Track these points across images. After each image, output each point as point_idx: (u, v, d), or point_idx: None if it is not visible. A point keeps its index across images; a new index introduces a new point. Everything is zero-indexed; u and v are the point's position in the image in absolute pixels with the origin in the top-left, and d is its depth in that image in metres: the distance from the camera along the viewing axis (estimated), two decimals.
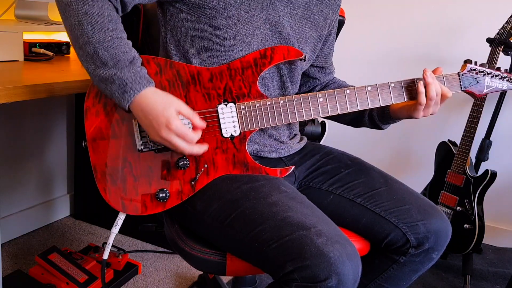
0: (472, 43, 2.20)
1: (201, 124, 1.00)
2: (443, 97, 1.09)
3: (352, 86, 1.13)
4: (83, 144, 1.06)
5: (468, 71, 1.12)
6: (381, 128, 1.24)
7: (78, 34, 0.95)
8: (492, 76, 1.12)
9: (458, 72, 1.12)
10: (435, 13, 2.31)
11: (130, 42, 0.99)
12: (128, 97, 0.95)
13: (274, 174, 1.09)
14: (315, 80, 1.31)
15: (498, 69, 1.13)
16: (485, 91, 1.13)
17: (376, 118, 1.21)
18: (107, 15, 0.96)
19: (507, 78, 1.12)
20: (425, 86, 1.06)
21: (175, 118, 0.95)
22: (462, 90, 1.12)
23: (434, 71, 1.11)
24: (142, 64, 1.00)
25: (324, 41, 1.24)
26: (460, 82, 1.11)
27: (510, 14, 1.87)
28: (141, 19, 1.52)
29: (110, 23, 0.96)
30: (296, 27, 1.13)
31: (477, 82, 1.12)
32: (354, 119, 1.26)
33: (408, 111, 1.12)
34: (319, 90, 1.30)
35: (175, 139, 0.96)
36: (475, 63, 1.12)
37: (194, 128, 1.00)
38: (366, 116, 1.22)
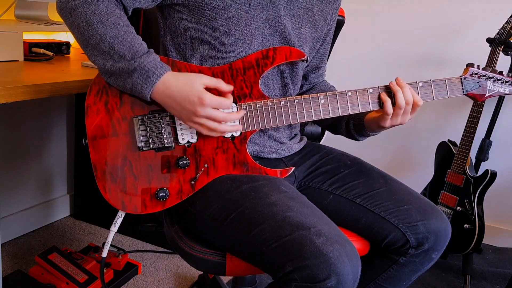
0: (472, 43, 2.20)
1: (229, 87, 1.01)
2: (414, 106, 1.07)
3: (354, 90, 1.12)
4: (83, 142, 1.06)
5: (470, 74, 1.11)
6: (357, 139, 1.23)
7: (89, 35, 0.95)
8: (495, 80, 1.12)
9: (461, 76, 1.11)
10: (435, 13, 2.31)
11: (140, 37, 0.99)
12: (152, 81, 0.96)
13: (274, 174, 1.09)
14: (304, 79, 1.29)
15: (501, 73, 1.12)
16: (487, 95, 1.12)
17: (352, 128, 1.20)
18: (115, 13, 0.97)
19: (510, 82, 1.12)
20: (394, 94, 1.06)
21: (205, 92, 0.96)
22: (464, 94, 1.12)
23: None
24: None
25: (322, 41, 1.24)
26: (462, 85, 1.11)
27: (510, 14, 1.87)
28: (141, 19, 1.52)
29: (120, 19, 0.97)
30: (297, 27, 1.13)
31: (479, 86, 1.12)
32: (331, 125, 1.26)
33: (377, 121, 1.11)
34: (305, 91, 1.30)
35: (213, 112, 0.97)
36: (478, 67, 1.12)
37: (224, 94, 1.01)
38: (343, 124, 1.21)
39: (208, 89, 0.98)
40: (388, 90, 1.08)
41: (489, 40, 1.89)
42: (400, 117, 1.07)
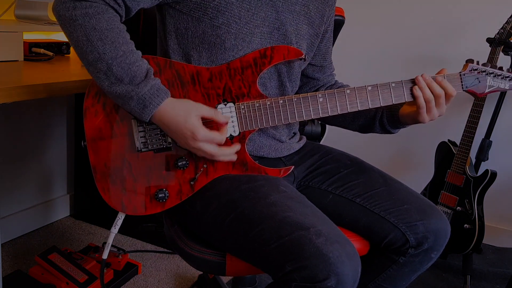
0: (472, 43, 2.20)
1: (224, 119, 1.02)
2: (448, 97, 1.08)
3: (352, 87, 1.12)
4: (82, 144, 1.06)
5: (470, 70, 1.11)
6: (392, 132, 1.23)
7: (88, 50, 0.94)
8: (494, 76, 1.11)
9: (460, 72, 1.11)
10: (435, 13, 2.31)
11: (139, 53, 0.98)
12: (149, 111, 0.96)
13: (273, 174, 1.09)
14: (314, 80, 1.30)
15: (501, 68, 1.12)
16: (487, 91, 1.12)
17: (387, 124, 1.20)
18: (116, 28, 0.95)
19: (509, 78, 1.12)
20: (420, 89, 1.06)
21: (198, 127, 0.97)
22: (463, 90, 1.12)
23: (438, 73, 1.10)
24: (155, 73, 1.00)
25: (321, 38, 1.24)
26: (461, 82, 1.11)
27: (510, 14, 1.87)
28: (141, 17, 1.52)
29: (120, 36, 0.95)
30: (294, 23, 1.13)
31: (479, 81, 1.11)
32: (364, 126, 1.25)
33: (413, 117, 1.11)
34: None
35: (205, 146, 0.98)
36: (477, 63, 1.11)
37: (219, 125, 1.01)
38: (377, 122, 1.21)
39: (204, 119, 0.99)
40: (399, 86, 1.08)
41: (489, 40, 1.89)
42: (434, 110, 1.08)
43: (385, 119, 1.20)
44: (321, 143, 1.50)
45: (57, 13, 0.97)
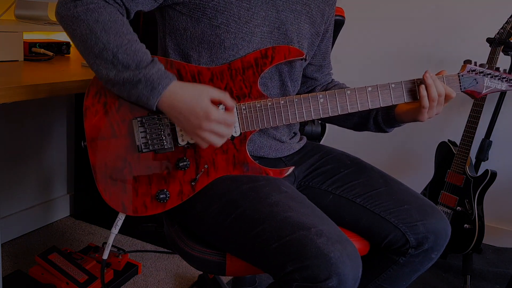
0: (472, 43, 2.20)
1: (233, 103, 1.01)
2: (447, 98, 1.08)
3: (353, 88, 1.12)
4: (82, 144, 1.05)
5: (468, 71, 1.12)
6: (386, 132, 1.24)
7: (92, 43, 0.94)
8: (492, 77, 1.12)
9: (458, 73, 1.12)
10: (435, 13, 2.31)
11: (143, 45, 0.99)
12: (158, 92, 0.95)
13: (274, 174, 1.09)
14: (312, 80, 1.30)
15: (497, 69, 1.13)
16: (484, 91, 1.13)
17: (382, 122, 1.20)
18: (119, 20, 0.96)
19: (506, 79, 1.12)
20: (426, 88, 1.06)
21: (211, 107, 0.96)
22: (461, 91, 1.12)
23: (438, 74, 1.11)
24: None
25: (321, 38, 1.24)
26: (460, 82, 1.11)
27: (510, 14, 1.87)
28: (141, 18, 1.52)
29: (123, 27, 0.96)
30: (296, 22, 1.13)
31: (477, 82, 1.12)
32: (358, 124, 1.26)
33: (412, 115, 1.11)
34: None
35: (216, 127, 0.96)
36: (475, 64, 1.12)
37: (227, 109, 1.00)
38: (371, 120, 1.22)
39: (213, 101, 0.98)
40: (399, 86, 1.08)
41: (489, 40, 1.89)
42: (434, 109, 1.08)
43: (380, 118, 1.20)
44: (321, 143, 1.50)
45: (59, 15, 0.97)
